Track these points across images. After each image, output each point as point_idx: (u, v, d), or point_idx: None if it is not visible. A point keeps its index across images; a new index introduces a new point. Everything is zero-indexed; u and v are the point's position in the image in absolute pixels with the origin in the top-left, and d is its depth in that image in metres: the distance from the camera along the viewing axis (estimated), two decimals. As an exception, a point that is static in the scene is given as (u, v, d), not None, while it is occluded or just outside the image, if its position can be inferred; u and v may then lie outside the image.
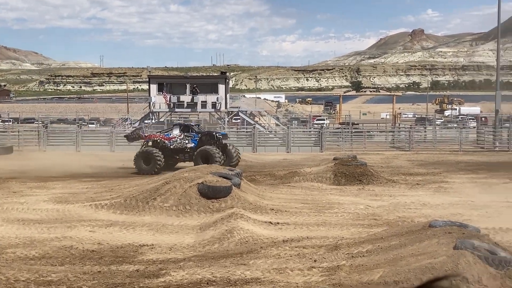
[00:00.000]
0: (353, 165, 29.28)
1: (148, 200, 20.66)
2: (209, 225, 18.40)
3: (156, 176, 27.30)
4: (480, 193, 25.53)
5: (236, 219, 18.55)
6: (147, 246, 16.34)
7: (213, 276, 13.55)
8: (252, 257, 15.21)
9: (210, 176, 21.58)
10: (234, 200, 20.73)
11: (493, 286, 12.37)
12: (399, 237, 15.80)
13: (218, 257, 15.19)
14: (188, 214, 19.92)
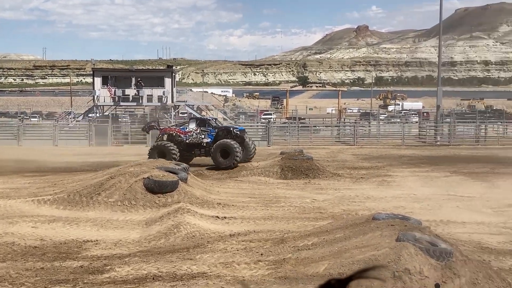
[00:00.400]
0: (299, 160, 29.55)
1: (92, 195, 20.34)
2: (155, 220, 18.27)
3: (101, 171, 26.90)
4: (422, 186, 26.15)
5: (183, 213, 18.48)
6: (91, 242, 16.10)
7: (159, 271, 13.47)
8: (198, 251, 15.19)
9: (156, 170, 21.41)
10: (181, 195, 20.63)
11: (434, 277, 12.71)
12: (344, 229, 16.05)
13: (164, 252, 15.11)
14: (133, 209, 19.72)
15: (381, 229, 15.06)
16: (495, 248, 16.36)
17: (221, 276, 13.51)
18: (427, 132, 48.86)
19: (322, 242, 15.37)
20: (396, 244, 13.67)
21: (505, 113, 68.93)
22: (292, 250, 15.12)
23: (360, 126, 51.75)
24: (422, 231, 15.07)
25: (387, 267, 12.93)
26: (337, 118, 62.15)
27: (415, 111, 75.08)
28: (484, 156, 37.06)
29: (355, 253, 13.93)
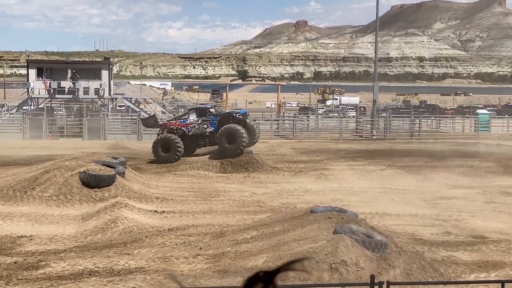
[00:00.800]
0: (239, 153, 29.62)
1: (26, 190, 19.81)
2: (92, 215, 17.96)
3: (35, 165, 26.22)
4: (358, 179, 26.65)
5: (120, 208, 18.24)
6: (25, 238, 15.70)
7: (96, 266, 13.27)
8: (136, 246, 15.03)
9: (93, 164, 21.03)
10: (118, 189, 20.35)
11: (370, 268, 12.97)
12: (282, 223, 16.19)
13: (101, 247, 14.88)
14: (69, 204, 19.33)
15: (319, 222, 15.27)
16: (428, 240, 16.84)
17: (159, 270, 13.41)
18: (364, 126, 49.77)
19: (261, 236, 15.45)
20: (333, 237, 13.89)
21: (438, 108, 70.93)
22: (231, 244, 15.15)
23: (299, 120, 52.23)
24: (359, 223, 15.36)
25: (324, 259, 13.13)
26: (277, 112, 62.53)
27: (352, 106, 76.31)
28: (418, 150, 38.04)
29: (293, 246, 14.07)
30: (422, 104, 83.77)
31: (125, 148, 37.25)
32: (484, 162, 32.19)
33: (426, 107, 74.93)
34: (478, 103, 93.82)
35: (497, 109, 70.77)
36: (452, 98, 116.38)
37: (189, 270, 13.55)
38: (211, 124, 31.69)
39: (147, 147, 37.44)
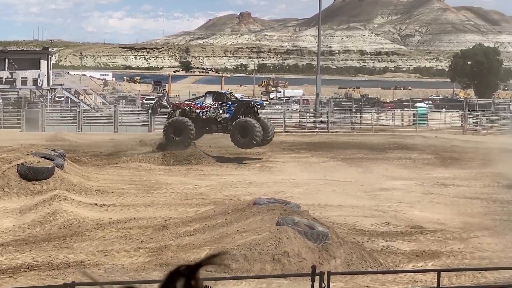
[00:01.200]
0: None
1: (-39, 183, 19.18)
2: (30, 208, 17.54)
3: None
4: (301, 171, 26.89)
5: (59, 201, 17.87)
6: (-41, 232, 15.22)
7: (34, 260, 12.97)
8: (76, 240, 14.76)
9: (31, 156, 20.53)
10: (57, 182, 19.93)
11: (312, 259, 13.13)
12: (226, 215, 16.19)
13: (39, 241, 14.55)
14: (6, 197, 18.81)
15: (262, 213, 15.34)
16: (368, 230, 17.15)
17: (99, 264, 13.21)
18: (307, 119, 50.21)
19: (203, 228, 15.41)
20: (276, 228, 13.98)
21: (379, 101, 72.24)
22: (174, 237, 15.06)
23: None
24: (301, 215, 15.52)
25: (267, 251, 13.20)
26: (220, 104, 62.39)
27: (296, 99, 76.87)
28: (359, 143, 38.65)
29: (236, 238, 14.09)
30: (363, 98, 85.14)
31: (64, 140, 36.47)
32: (422, 154, 32.97)
33: (367, 100, 76.20)
34: (417, 96, 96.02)
35: (435, 103, 72.59)
36: (392, 91, 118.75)
37: (130, 263, 13.40)
38: (228, 110, 30.41)
39: (87, 139, 36.81)
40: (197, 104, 31.05)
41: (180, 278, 0.82)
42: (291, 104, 66.38)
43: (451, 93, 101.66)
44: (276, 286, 12.07)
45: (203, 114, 30.48)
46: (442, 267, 13.34)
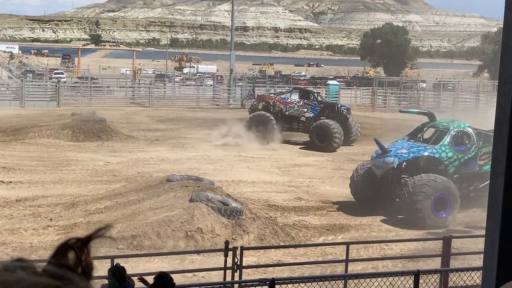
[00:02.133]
0: (92, 121, 28.74)
1: None
2: None
3: None
4: (215, 148, 26.90)
5: (-38, 179, 17.11)
6: None
7: None
8: (-20, 219, 14.20)
9: None
10: (-40, 159, 19.04)
11: (225, 234, 13.22)
12: (138, 192, 16.00)
13: None
14: None
15: (175, 190, 15.27)
16: (281, 205, 17.44)
17: (6, 243, 12.80)
18: (221, 95, 50.15)
19: (115, 205, 15.19)
20: (189, 205, 13.97)
21: (292, 78, 73.10)
22: (84, 214, 14.77)
23: (155, 87, 51.56)
24: (215, 191, 15.57)
25: (180, 227, 13.17)
26: (132, 79, 61.24)
27: (210, 74, 76.57)
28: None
29: (149, 215, 13.98)
30: (277, 74, 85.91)
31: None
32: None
33: (281, 77, 76.94)
34: (329, 74, 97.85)
35: (346, 80, 74.23)
36: (305, 69, 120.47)
37: (39, 242, 13.04)
38: (312, 109, 29.00)
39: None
40: (282, 99, 29.86)
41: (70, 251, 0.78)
42: (205, 80, 66.01)
43: (361, 71, 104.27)
44: (190, 262, 12.08)
45: (286, 110, 29.22)
46: (351, 240, 13.77)
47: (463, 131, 17.34)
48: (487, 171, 17.04)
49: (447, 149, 16.92)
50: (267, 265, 11.75)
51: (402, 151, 16.91)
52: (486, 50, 76.83)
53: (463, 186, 16.99)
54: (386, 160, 16.76)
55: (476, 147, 17.15)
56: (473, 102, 48.11)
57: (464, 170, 17.09)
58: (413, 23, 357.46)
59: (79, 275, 0.79)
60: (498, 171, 2.58)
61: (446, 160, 16.88)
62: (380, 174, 16.90)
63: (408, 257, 12.85)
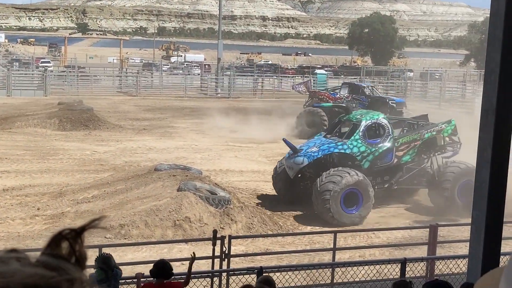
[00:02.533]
0: (79, 110, 28.62)
1: None
2: None
3: None
4: (203, 137, 26.88)
5: None
6: None
7: None
8: (-33, 208, 14.13)
9: None
10: None
11: (213, 223, 13.25)
12: (125, 181, 15.97)
13: None
14: None
15: (163, 179, 15.26)
16: (269, 194, 17.47)
17: (-7, 233, 12.74)
18: (209, 84, 50.04)
19: (102, 195, 15.15)
20: (177, 194, 13.97)
21: (280, 67, 73.07)
22: (71, 204, 14.73)
23: (143, 76, 51.36)
24: (203, 180, 15.57)
25: (168, 217, 13.18)
26: (119, 68, 60.95)
27: (197, 63, 76.34)
28: (258, 108, 39.02)
29: (136, 204, 13.97)
30: (265, 64, 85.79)
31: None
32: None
33: (269, 66, 76.86)
34: (317, 63, 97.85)
35: (334, 70, 74.30)
36: (293, 58, 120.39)
37: (26, 231, 13.01)
38: (360, 104, 28.34)
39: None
40: (331, 95, 29.60)
41: (64, 241, 0.79)
42: (193, 69, 65.81)
43: (349, 60, 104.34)
44: (178, 251, 12.10)
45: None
46: (338, 229, 13.84)
47: (376, 122, 16.50)
48: (407, 162, 16.57)
49: (359, 144, 16.05)
50: (255, 253, 11.79)
51: (312, 150, 16.02)
52: (472, 39, 77.20)
53: (385, 179, 16.41)
54: (296, 160, 15.87)
55: (392, 138, 16.35)
56: (460, 91, 48.30)
57: (380, 163, 16.26)
58: (400, 12, 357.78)
59: (73, 265, 0.80)
60: (484, 160, 2.61)
61: (358, 155, 16.01)
62: (292, 175, 16.03)
63: (395, 246, 12.94)
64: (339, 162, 15.98)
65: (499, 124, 2.84)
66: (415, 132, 16.95)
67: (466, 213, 15.18)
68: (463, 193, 15.70)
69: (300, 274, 9.34)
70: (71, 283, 0.76)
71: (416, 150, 16.72)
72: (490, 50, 2.45)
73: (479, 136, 2.70)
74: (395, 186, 16.55)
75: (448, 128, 17.13)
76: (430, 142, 16.95)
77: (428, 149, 17.02)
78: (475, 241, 3.13)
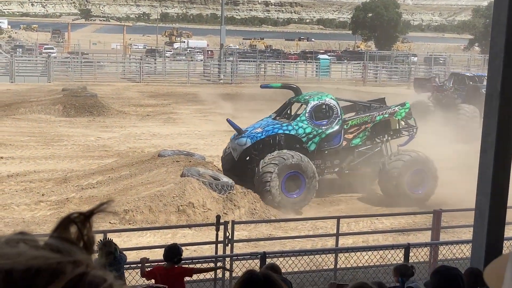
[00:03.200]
0: (83, 97, 28.64)
1: None
2: None
3: None
4: (206, 123, 26.88)
5: (-47, 154, 17.06)
6: None
7: None
8: (-28, 195, 14.20)
9: None
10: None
11: (216, 209, 13.29)
12: (130, 167, 16.01)
13: None
14: None
15: (167, 165, 15.30)
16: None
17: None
18: (211, 70, 49.95)
19: (107, 180, 15.20)
20: (180, 180, 14.01)
21: (283, 53, 72.83)
22: (76, 189, 14.79)
23: (146, 63, 51.28)
24: (206, 166, 15.60)
25: (172, 202, 13.22)
26: (123, 54, 60.84)
27: (200, 49, 76.14)
28: (262, 94, 38.95)
29: (140, 189, 14.01)
30: (268, 49, 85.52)
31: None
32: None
33: (271, 51, 76.61)
34: (320, 48, 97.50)
35: (337, 54, 74.03)
36: (295, 43, 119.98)
37: (31, 217, 13.07)
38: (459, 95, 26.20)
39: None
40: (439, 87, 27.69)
41: (72, 225, 0.80)
42: (195, 55, 65.65)
43: (352, 45, 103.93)
44: (182, 236, 12.15)
45: (442, 98, 26.83)
46: (341, 214, 13.87)
47: (324, 103, 15.89)
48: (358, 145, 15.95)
49: (305, 125, 15.52)
50: (258, 239, 11.84)
51: (256, 131, 15.65)
52: (477, 24, 76.75)
53: (334, 163, 15.91)
54: (239, 141, 15.57)
55: (340, 120, 15.78)
56: (464, 77, 48.09)
57: (328, 145, 15.73)
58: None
59: (80, 248, 0.81)
60: (488, 145, 2.60)
61: (304, 137, 15.49)
62: (236, 156, 15.66)
63: (399, 231, 12.97)
64: (286, 144, 15.38)
65: (504, 108, 2.82)
66: (365, 114, 16.33)
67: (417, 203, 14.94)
68: (413, 183, 15.30)
69: (303, 259, 9.37)
70: (76, 265, 0.77)
71: (366, 133, 16.12)
72: (494, 35, 2.44)
73: (483, 121, 2.69)
74: (346, 170, 16.01)
75: (402, 111, 16.45)
76: (382, 124, 16.31)
77: (381, 133, 16.39)
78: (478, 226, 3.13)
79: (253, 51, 73.31)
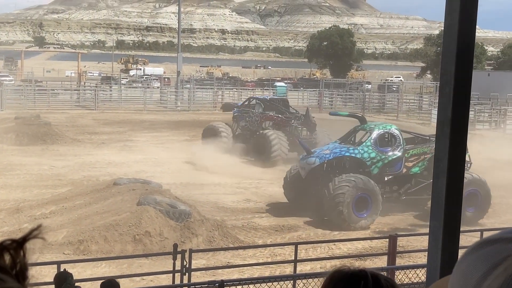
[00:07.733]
0: (36, 125, 28.18)
1: None
2: None
3: None
4: (163, 151, 26.70)
5: None
6: None
7: None
8: None
9: None
10: None
11: (174, 237, 13.13)
12: (84, 196, 15.75)
13: None
14: None
15: (122, 194, 15.10)
16: (230, 207, 17.44)
17: None
18: (168, 97, 49.82)
19: (61, 210, 14.91)
20: (137, 208, 13.83)
21: (240, 80, 73.22)
22: (29, 220, 14.46)
23: (101, 90, 50.86)
24: (163, 194, 15.45)
25: (128, 231, 13.02)
26: (77, 82, 60.20)
27: (157, 77, 75.92)
28: (219, 121, 38.97)
29: (96, 219, 13.77)
30: (225, 76, 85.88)
31: None
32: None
33: (229, 79, 76.94)
34: (276, 76, 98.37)
35: (293, 82, 74.79)
36: (252, 71, 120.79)
37: (-18, 249, 12.67)
38: None
39: None
40: None
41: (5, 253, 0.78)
42: (152, 82, 65.40)
43: (308, 73, 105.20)
44: (138, 266, 11.96)
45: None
46: (299, 241, 13.88)
47: (388, 132, 17.22)
48: (416, 174, 17.22)
49: (370, 150, 16.78)
50: (216, 267, 11.73)
51: (324, 152, 16.90)
52: (428, 52, 78.55)
53: (393, 189, 17.07)
54: (308, 161, 16.72)
55: (402, 148, 17.01)
56: (417, 103, 49.14)
57: (389, 171, 16.95)
58: (358, 26, 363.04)
59: (12, 276, 0.79)
60: (440, 170, 2.65)
61: (368, 161, 16.73)
62: (304, 175, 16.73)
63: (356, 256, 13.04)
64: (350, 167, 16.60)
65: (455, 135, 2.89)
66: (425, 145, 17.44)
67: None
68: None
69: (262, 287, 9.31)
70: None
71: (425, 163, 17.10)
72: (444, 63, 2.49)
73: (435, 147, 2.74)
74: (403, 196, 17.04)
75: None
76: None
77: None
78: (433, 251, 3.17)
79: (210, 78, 73.48)
